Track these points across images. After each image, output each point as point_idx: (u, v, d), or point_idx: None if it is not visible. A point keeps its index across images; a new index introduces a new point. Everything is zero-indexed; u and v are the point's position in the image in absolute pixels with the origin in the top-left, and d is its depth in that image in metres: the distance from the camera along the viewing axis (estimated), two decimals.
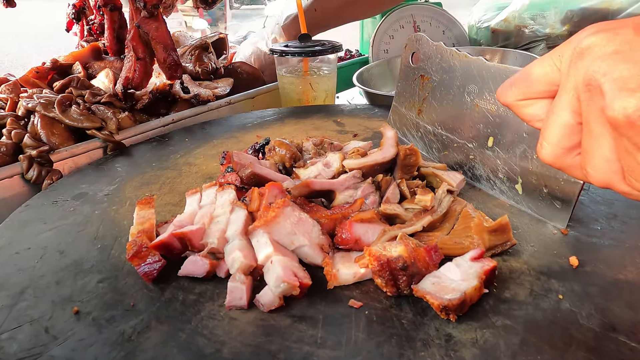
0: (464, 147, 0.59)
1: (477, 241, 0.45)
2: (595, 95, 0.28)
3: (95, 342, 0.38)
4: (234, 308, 0.40)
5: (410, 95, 0.68)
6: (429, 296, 0.38)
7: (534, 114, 0.34)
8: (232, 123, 0.91)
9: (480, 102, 0.55)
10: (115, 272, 0.47)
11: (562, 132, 0.31)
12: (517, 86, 0.34)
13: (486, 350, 0.34)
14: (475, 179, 0.58)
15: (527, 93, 0.34)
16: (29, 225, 0.57)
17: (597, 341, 0.35)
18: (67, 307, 0.42)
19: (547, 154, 0.32)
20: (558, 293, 0.40)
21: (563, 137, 0.31)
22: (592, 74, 0.27)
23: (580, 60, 0.28)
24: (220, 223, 0.47)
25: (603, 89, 0.27)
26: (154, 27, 0.84)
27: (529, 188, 0.51)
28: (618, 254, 0.44)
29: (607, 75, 0.27)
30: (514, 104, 0.35)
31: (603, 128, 0.28)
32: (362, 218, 0.47)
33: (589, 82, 0.28)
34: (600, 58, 0.27)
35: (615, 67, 0.26)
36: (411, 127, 0.69)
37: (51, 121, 0.79)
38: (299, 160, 0.61)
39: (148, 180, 0.68)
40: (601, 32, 0.28)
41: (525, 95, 0.34)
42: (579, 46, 0.29)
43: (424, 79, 0.65)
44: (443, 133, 0.62)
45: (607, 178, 0.29)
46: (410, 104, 0.69)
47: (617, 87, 0.26)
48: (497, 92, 0.36)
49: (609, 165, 0.29)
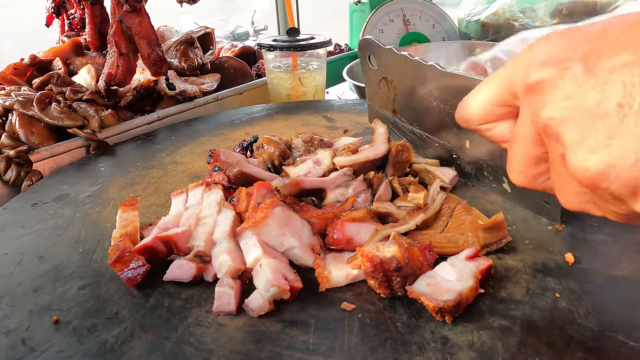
0: (444, 146, 0.57)
1: (471, 239, 0.44)
2: (554, 140, 0.26)
3: (75, 353, 0.36)
4: (222, 314, 0.39)
5: (379, 96, 0.66)
6: (424, 298, 0.37)
7: (499, 136, 0.32)
8: (220, 120, 0.89)
9: (446, 107, 0.52)
10: (98, 278, 0.45)
11: (527, 163, 0.29)
12: (472, 112, 0.32)
13: (484, 353, 0.33)
14: (464, 177, 0.57)
15: (485, 117, 0.32)
16: (7, 229, 0.54)
17: (595, 341, 0.34)
18: (45, 317, 0.40)
19: (518, 180, 0.31)
20: (555, 291, 0.39)
21: (529, 166, 0.30)
22: (546, 120, 0.25)
23: (531, 96, 0.27)
24: (207, 225, 0.45)
25: (562, 140, 0.25)
26: (137, 21, 0.81)
27: (516, 187, 0.49)
28: (613, 250, 0.44)
29: (561, 126, 0.25)
30: (475, 127, 0.33)
31: (567, 171, 0.26)
32: (353, 217, 0.45)
33: (544, 129, 0.26)
34: (552, 103, 0.25)
35: (570, 119, 0.24)
36: (392, 125, 0.66)
37: (30, 120, 0.76)
38: (288, 158, 0.59)
39: (132, 180, 0.65)
40: (548, 64, 0.25)
41: (484, 119, 0.32)
42: (528, 78, 0.26)
43: (387, 82, 0.62)
44: (422, 132, 0.60)
45: (582, 207, 0.28)
46: (383, 103, 0.66)
47: (575, 142, 0.24)
48: (455, 115, 0.34)
49: (581, 197, 0.27)
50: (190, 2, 0.95)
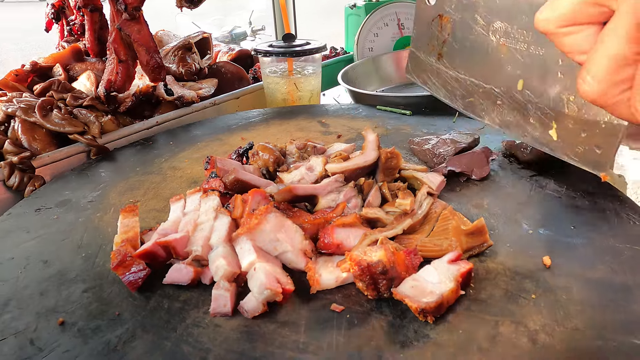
0: (490, 92, 0.54)
1: (455, 243, 0.46)
2: None
3: (80, 353, 0.38)
4: (218, 315, 0.41)
5: (428, 38, 0.62)
6: (408, 299, 0.39)
7: (578, 45, 0.30)
8: (217, 124, 0.91)
9: (508, 41, 0.50)
10: (100, 281, 0.47)
11: (612, 65, 0.27)
12: (560, 10, 0.29)
13: (462, 350, 0.36)
14: (504, 125, 0.54)
15: (572, 18, 0.29)
16: (12, 234, 0.56)
17: (565, 339, 0.36)
18: (51, 318, 0.42)
19: (591, 89, 0.28)
20: (531, 293, 0.41)
21: (613, 69, 0.27)
22: None
23: None
24: (204, 230, 0.48)
25: None
26: (136, 29, 0.83)
27: (564, 133, 0.47)
28: (589, 253, 0.46)
29: None
30: (555, 31, 0.30)
31: None
32: (343, 223, 0.48)
33: None
34: None
35: None
36: (431, 74, 0.63)
37: (32, 126, 0.78)
38: (282, 164, 0.61)
39: (132, 186, 0.68)
40: None
41: (569, 20, 0.29)
42: None
43: (442, 20, 0.59)
44: (467, 78, 0.57)
45: None
46: (429, 48, 0.62)
47: None
48: (535, 17, 0.31)
49: None
50: (191, 7, 0.96)
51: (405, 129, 0.83)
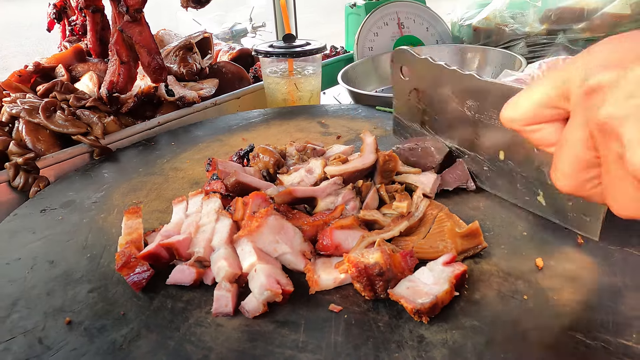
0: (475, 158, 0.56)
1: (450, 245, 0.47)
2: (612, 140, 0.26)
3: (87, 351, 0.39)
4: (220, 315, 0.43)
5: (408, 108, 0.65)
6: (403, 300, 0.41)
7: (544, 139, 0.32)
8: (218, 125, 0.92)
9: (482, 117, 0.52)
10: (105, 281, 0.48)
11: (576, 167, 0.29)
12: (520, 111, 0.32)
13: (455, 350, 0.37)
14: (495, 189, 0.55)
15: (532, 118, 0.31)
16: (18, 235, 0.58)
17: (556, 340, 0.38)
18: (59, 318, 0.43)
19: (564, 185, 0.30)
20: (523, 294, 0.43)
21: (578, 171, 0.29)
22: (607, 120, 0.25)
23: (590, 99, 0.27)
24: (206, 232, 0.49)
25: (621, 139, 0.25)
26: (137, 31, 0.84)
27: (551, 201, 0.49)
28: (582, 254, 0.47)
29: (623, 125, 0.25)
30: (520, 128, 0.33)
31: (624, 172, 0.26)
32: (342, 225, 0.49)
33: (602, 128, 0.26)
34: (613, 103, 0.25)
35: (633, 116, 0.24)
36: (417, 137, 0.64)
37: (36, 127, 0.79)
38: (282, 167, 0.62)
39: (135, 187, 0.69)
40: (610, 68, 0.26)
41: (531, 120, 0.32)
42: (587, 83, 0.27)
43: (419, 93, 0.61)
44: (452, 145, 0.59)
45: (634, 213, 0.27)
46: (411, 116, 0.65)
47: (636, 140, 0.24)
48: (500, 116, 0.34)
49: (634, 202, 0.27)
50: (197, 7, 0.97)
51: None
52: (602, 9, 1.02)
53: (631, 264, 0.45)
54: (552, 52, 1.10)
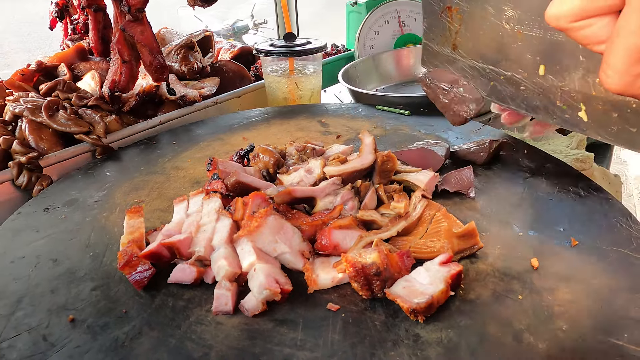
0: (512, 79, 0.52)
1: (446, 245, 0.48)
2: None
3: (90, 348, 0.40)
4: (220, 313, 0.43)
5: (440, 30, 0.60)
6: (400, 300, 0.41)
7: (593, 36, 0.29)
8: (219, 124, 0.93)
9: (523, 28, 0.48)
10: (107, 279, 0.49)
11: (632, 58, 0.27)
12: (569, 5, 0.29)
13: (449, 349, 0.38)
14: (531, 110, 0.52)
15: (583, 12, 0.29)
16: (22, 233, 0.59)
17: (549, 339, 0.38)
18: (62, 315, 0.44)
19: (615, 83, 0.28)
20: (518, 294, 0.43)
21: (632, 63, 0.27)
22: None
23: None
24: (207, 232, 0.50)
25: None
26: (139, 30, 0.85)
27: (594, 114, 0.45)
28: (576, 255, 0.48)
29: None
30: (567, 26, 0.30)
31: None
32: (340, 225, 0.50)
33: None
34: None
35: None
36: (448, 64, 0.61)
37: (39, 126, 0.80)
38: (282, 166, 0.63)
39: (137, 186, 0.70)
40: None
41: (580, 14, 0.29)
42: None
43: (451, 11, 0.57)
44: (485, 67, 0.55)
45: None
46: (443, 39, 0.60)
47: None
48: (546, 14, 0.31)
49: None
50: (204, 5, 0.98)
51: (403, 129, 0.84)
52: None
53: (624, 265, 0.46)
54: None
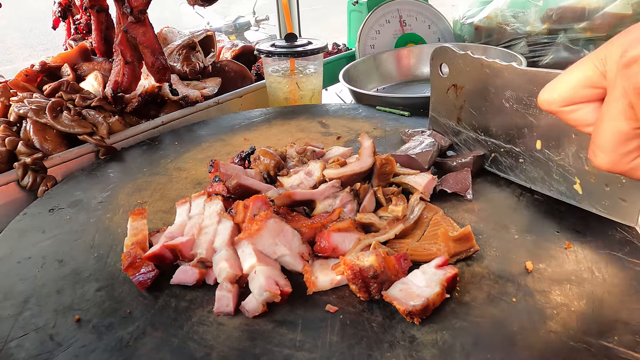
0: (511, 151, 0.57)
1: (443, 248, 0.49)
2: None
3: (96, 348, 0.42)
4: (221, 314, 0.45)
5: (445, 105, 0.66)
6: (396, 302, 0.42)
7: (582, 120, 0.33)
8: (220, 124, 0.94)
9: (520, 107, 0.53)
10: (112, 280, 0.50)
11: (616, 140, 0.30)
12: (559, 92, 0.33)
13: (444, 350, 0.39)
14: (530, 181, 0.56)
15: (570, 99, 0.32)
16: (28, 234, 0.60)
17: (540, 341, 0.39)
18: (68, 315, 0.46)
19: (602, 162, 0.31)
20: (512, 296, 0.44)
21: (618, 144, 0.30)
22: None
23: (629, 69, 0.28)
24: (209, 234, 0.51)
25: None
26: (141, 32, 0.86)
27: (588, 188, 0.49)
28: (569, 258, 0.49)
29: None
30: (557, 110, 0.34)
31: None
32: (339, 227, 0.51)
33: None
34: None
35: None
36: (453, 135, 0.67)
37: (43, 127, 0.81)
38: (282, 169, 0.64)
39: (140, 187, 0.71)
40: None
41: (569, 101, 0.33)
42: (626, 54, 0.28)
43: (457, 89, 0.62)
44: (487, 139, 0.60)
45: None
46: (448, 113, 0.66)
47: None
48: (538, 99, 0.35)
49: None
50: (205, 4, 0.98)
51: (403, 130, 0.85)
52: (603, 8, 1.02)
53: (617, 269, 0.47)
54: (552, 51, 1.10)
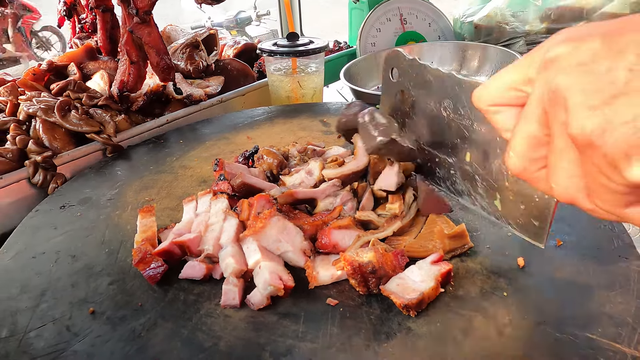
0: (444, 162, 0.59)
1: (438, 245, 0.51)
2: (560, 108, 0.26)
3: (110, 338, 0.44)
4: (228, 307, 0.47)
5: (393, 109, 0.69)
6: (393, 296, 0.45)
7: (504, 123, 0.34)
8: (224, 123, 0.96)
9: (456, 117, 0.55)
10: (123, 275, 0.53)
11: (527, 143, 0.30)
12: (488, 91, 0.33)
13: (438, 341, 0.42)
14: (457, 194, 0.59)
15: (497, 98, 0.33)
16: (41, 230, 0.63)
17: (529, 332, 0.42)
18: (83, 308, 0.48)
19: (514, 164, 0.32)
20: (503, 291, 0.47)
21: (529, 148, 0.30)
22: (556, 87, 0.26)
23: (546, 70, 0.28)
24: (215, 231, 0.53)
25: (567, 104, 0.26)
26: (147, 32, 0.88)
27: (507, 205, 0.51)
28: (559, 255, 0.51)
29: (570, 89, 0.26)
30: (485, 108, 0.34)
31: (567, 144, 0.27)
32: (339, 225, 0.53)
33: (553, 95, 0.27)
34: (564, 70, 0.26)
35: (578, 81, 0.25)
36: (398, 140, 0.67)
37: (52, 126, 0.83)
38: (285, 168, 0.66)
39: (147, 184, 0.73)
40: (568, 41, 0.27)
41: (495, 100, 0.33)
42: (545, 55, 0.28)
43: (404, 95, 0.64)
44: (425, 147, 0.62)
45: (571, 195, 0.29)
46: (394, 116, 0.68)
47: (579, 103, 0.25)
48: (472, 95, 0.36)
49: (572, 182, 0.28)
50: (213, 3, 1.00)
51: None
52: (601, 8, 1.04)
53: (605, 264, 0.49)
54: None
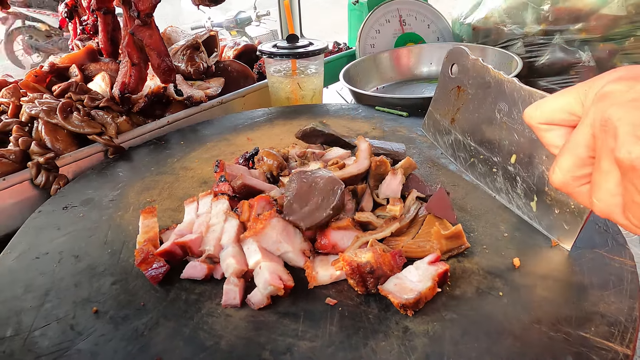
0: (488, 159, 0.62)
1: (436, 245, 0.52)
2: (609, 136, 0.31)
3: (114, 337, 0.45)
4: (229, 306, 0.48)
5: (445, 103, 0.71)
6: (391, 295, 0.46)
7: (553, 140, 0.38)
8: (224, 124, 0.97)
9: (509, 120, 0.58)
10: (126, 275, 0.54)
11: (574, 162, 0.34)
12: (542, 110, 0.38)
13: (434, 340, 0.43)
14: (495, 191, 0.62)
15: (549, 119, 0.37)
16: (44, 231, 0.63)
17: (523, 331, 0.43)
18: (87, 307, 0.49)
19: (558, 179, 0.36)
20: (499, 291, 0.48)
21: (574, 166, 0.35)
22: (609, 116, 0.31)
23: (600, 102, 0.32)
24: (216, 232, 0.54)
25: (617, 132, 0.30)
26: (148, 34, 0.88)
27: (542, 207, 0.55)
28: (555, 255, 0.52)
29: (621, 120, 0.30)
30: (536, 126, 0.38)
31: (612, 166, 0.31)
32: (338, 226, 0.54)
33: (605, 124, 0.31)
34: (618, 104, 0.31)
35: (629, 114, 0.30)
36: (443, 133, 0.72)
37: (54, 127, 0.84)
38: (285, 169, 0.67)
39: (148, 186, 0.74)
40: (624, 80, 0.32)
41: (547, 120, 0.37)
42: (602, 89, 0.32)
43: (460, 91, 0.67)
44: (471, 144, 0.64)
45: (609, 210, 0.33)
46: (445, 111, 0.71)
47: (628, 133, 0.29)
48: (524, 112, 0.40)
49: (612, 198, 0.32)
50: (211, 5, 1.01)
51: (401, 130, 0.88)
52: (599, 10, 1.05)
53: (598, 264, 0.50)
54: (548, 52, 1.12)
